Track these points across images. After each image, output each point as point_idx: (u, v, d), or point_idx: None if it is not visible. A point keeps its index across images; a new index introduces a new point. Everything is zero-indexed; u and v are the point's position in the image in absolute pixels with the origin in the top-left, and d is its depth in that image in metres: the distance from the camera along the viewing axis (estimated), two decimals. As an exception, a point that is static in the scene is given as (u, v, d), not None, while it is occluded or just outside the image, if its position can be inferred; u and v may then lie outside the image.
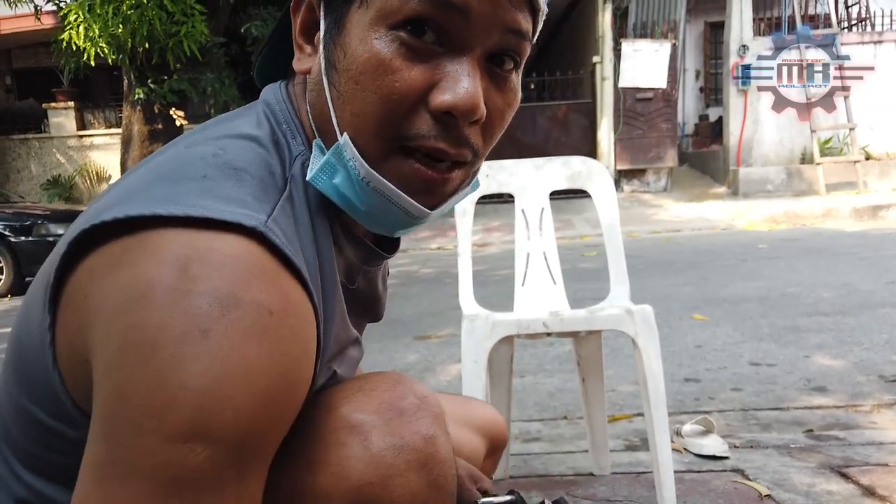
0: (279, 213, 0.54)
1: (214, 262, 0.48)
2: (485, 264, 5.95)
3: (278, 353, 0.49)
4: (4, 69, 12.94)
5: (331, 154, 0.59)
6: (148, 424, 0.45)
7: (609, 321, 1.42)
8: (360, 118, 0.57)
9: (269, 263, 0.50)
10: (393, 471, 0.56)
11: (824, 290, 4.06)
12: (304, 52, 0.62)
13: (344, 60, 0.57)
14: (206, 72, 7.94)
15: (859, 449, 1.87)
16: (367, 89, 0.56)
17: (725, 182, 10.26)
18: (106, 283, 0.49)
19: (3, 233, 6.67)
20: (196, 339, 0.46)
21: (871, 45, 9.93)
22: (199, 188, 0.52)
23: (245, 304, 0.47)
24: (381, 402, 0.60)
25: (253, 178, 0.55)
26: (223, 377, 0.46)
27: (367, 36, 0.55)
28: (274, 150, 0.60)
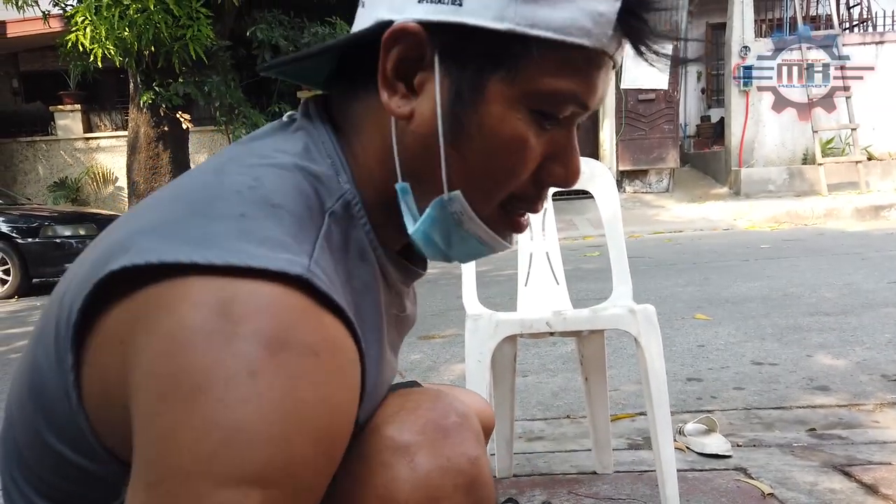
0: (319, 252, 0.52)
1: (257, 306, 0.46)
2: (488, 265, 5.96)
3: (327, 393, 0.47)
4: (12, 72, 12.99)
5: (433, 209, 0.59)
6: (196, 469, 0.43)
7: (612, 321, 1.44)
8: (479, 181, 0.58)
9: (311, 306, 0.48)
10: (440, 493, 0.57)
11: (826, 289, 4.07)
12: (396, 93, 0.57)
13: (480, 129, 0.56)
14: (211, 75, 7.97)
15: (862, 448, 1.88)
16: (500, 163, 0.57)
17: (727, 182, 10.26)
18: (144, 329, 0.47)
19: (10, 234, 6.71)
20: (245, 381, 0.44)
21: (873, 45, 9.93)
22: (236, 229, 0.49)
23: (291, 345, 0.46)
24: (425, 422, 0.60)
25: (291, 216, 0.52)
26: (275, 419, 0.44)
27: (508, 113, 0.56)
28: (311, 184, 0.57)
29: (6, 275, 6.71)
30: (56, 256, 6.60)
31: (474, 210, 0.59)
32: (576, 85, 0.55)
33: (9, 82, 13.04)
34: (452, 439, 0.59)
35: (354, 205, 0.59)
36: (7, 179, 11.86)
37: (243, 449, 0.43)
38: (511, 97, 0.55)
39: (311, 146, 0.60)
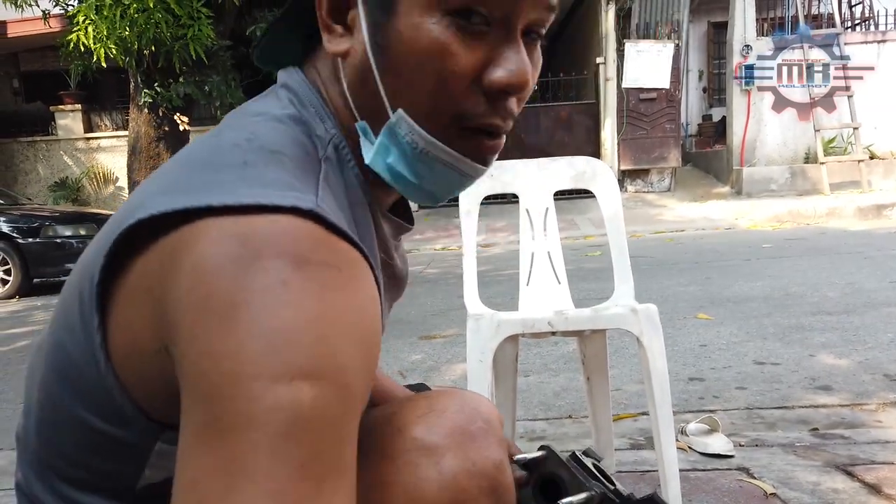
0: (322, 192, 0.54)
1: (276, 234, 0.47)
2: (489, 265, 5.96)
3: (355, 299, 0.49)
4: (12, 72, 13.00)
5: (384, 136, 0.60)
6: (248, 371, 0.44)
7: (614, 320, 1.43)
8: (416, 99, 0.58)
9: (326, 233, 0.50)
10: (466, 495, 0.58)
11: (829, 289, 4.06)
12: (334, 34, 0.60)
13: (399, 45, 0.57)
14: (212, 75, 7.97)
15: (865, 447, 1.88)
16: (426, 73, 0.57)
17: (729, 182, 10.25)
18: (170, 271, 0.48)
19: (10, 234, 6.71)
20: (278, 289, 0.45)
21: (875, 44, 9.91)
22: (242, 175, 0.51)
23: (314, 262, 0.47)
24: (452, 425, 0.61)
25: (291, 161, 0.55)
26: (313, 319, 0.46)
27: (422, 21, 0.56)
28: (303, 132, 0.59)
29: (7, 275, 6.71)
30: (57, 256, 6.60)
31: (427, 131, 0.59)
32: None
33: (9, 82, 13.05)
34: (479, 443, 0.61)
35: (342, 148, 0.62)
36: (7, 179, 11.87)
37: (288, 347, 0.44)
38: (421, 5, 0.56)
39: (294, 100, 0.63)
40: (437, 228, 8.65)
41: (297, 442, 0.43)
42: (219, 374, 0.44)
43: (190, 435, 0.45)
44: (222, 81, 7.99)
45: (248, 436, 0.43)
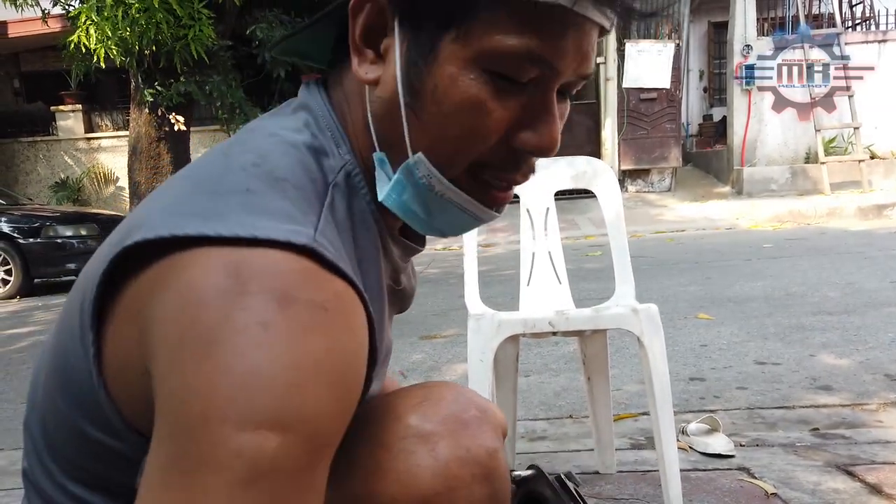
0: (324, 223, 0.53)
1: (266, 268, 0.47)
2: (490, 265, 5.96)
3: (337, 345, 0.48)
4: (13, 72, 13.00)
5: (400, 173, 0.59)
6: (215, 415, 0.44)
7: (614, 320, 1.43)
8: (440, 145, 0.58)
9: (319, 269, 0.49)
10: (459, 482, 0.59)
11: (829, 289, 4.06)
12: (365, 59, 0.59)
13: (434, 91, 0.56)
14: (212, 75, 7.98)
15: (865, 447, 1.88)
16: (457, 125, 0.56)
17: (729, 182, 10.25)
18: (158, 294, 0.49)
19: (11, 235, 6.71)
20: (257, 331, 0.45)
21: (875, 44, 9.91)
22: (243, 203, 0.51)
23: (300, 301, 0.47)
24: (447, 413, 0.62)
25: (295, 189, 0.54)
26: (287, 366, 0.45)
27: (461, 75, 0.55)
28: (314, 157, 0.58)
29: (8, 275, 6.72)
30: (57, 257, 6.61)
31: (443, 175, 0.59)
32: (532, 42, 0.53)
33: (10, 82, 13.05)
34: (472, 431, 0.61)
35: (355, 175, 0.61)
36: (8, 180, 11.88)
37: (258, 394, 0.44)
38: (464, 58, 0.54)
39: (311, 121, 0.62)
40: (438, 228, 8.64)
41: (256, 491, 0.44)
42: (187, 414, 0.45)
43: (155, 465, 0.46)
44: (223, 81, 7.99)
45: (208, 480, 0.43)
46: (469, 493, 0.59)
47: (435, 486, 0.58)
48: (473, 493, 0.59)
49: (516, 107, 0.57)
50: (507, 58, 0.54)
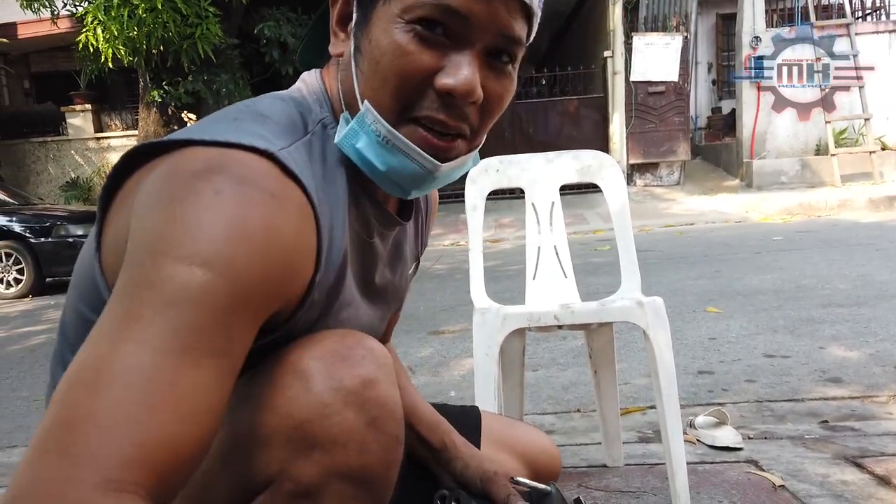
0: (295, 149, 0.65)
1: (233, 161, 0.59)
2: (497, 260, 5.96)
3: (277, 224, 0.58)
4: (23, 73, 13.09)
5: (354, 122, 0.69)
6: (160, 247, 0.55)
7: (620, 313, 1.43)
8: (378, 91, 0.67)
9: (278, 173, 0.60)
10: (330, 409, 0.61)
11: (840, 281, 4.04)
12: (338, 39, 0.73)
13: (369, 46, 0.67)
14: (220, 73, 8.00)
15: (875, 439, 1.87)
16: (386, 68, 0.66)
17: (739, 175, 10.19)
18: (148, 177, 0.61)
19: (23, 234, 6.77)
20: (211, 195, 0.56)
21: (886, 34, 9.82)
22: (227, 125, 0.65)
23: (255, 185, 0.58)
24: (326, 349, 0.65)
25: (276, 124, 0.67)
26: (229, 224, 0.56)
27: (388, 27, 0.66)
28: (298, 110, 0.72)
29: (20, 274, 6.78)
30: (68, 256, 6.65)
31: (387, 121, 0.68)
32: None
33: (20, 83, 13.14)
34: (349, 362, 0.64)
35: (331, 127, 0.73)
36: (20, 180, 11.96)
37: (198, 239, 0.55)
38: (390, 14, 0.66)
39: (302, 88, 0.77)
40: (446, 224, 8.65)
41: (175, 311, 0.53)
42: (141, 246, 0.56)
43: (113, 293, 0.56)
44: (230, 80, 8.01)
45: (143, 294, 0.54)
46: (342, 420, 0.61)
47: (306, 415, 0.61)
48: (347, 420, 0.61)
49: (437, 55, 0.66)
50: (423, 8, 0.64)
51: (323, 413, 0.61)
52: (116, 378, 0.50)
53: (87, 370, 0.51)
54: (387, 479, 0.66)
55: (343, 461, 0.61)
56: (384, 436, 0.64)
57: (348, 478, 0.62)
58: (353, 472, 0.62)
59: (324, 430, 0.61)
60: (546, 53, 16.04)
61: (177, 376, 0.52)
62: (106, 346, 0.52)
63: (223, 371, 0.55)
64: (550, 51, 15.59)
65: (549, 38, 14.92)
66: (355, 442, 0.62)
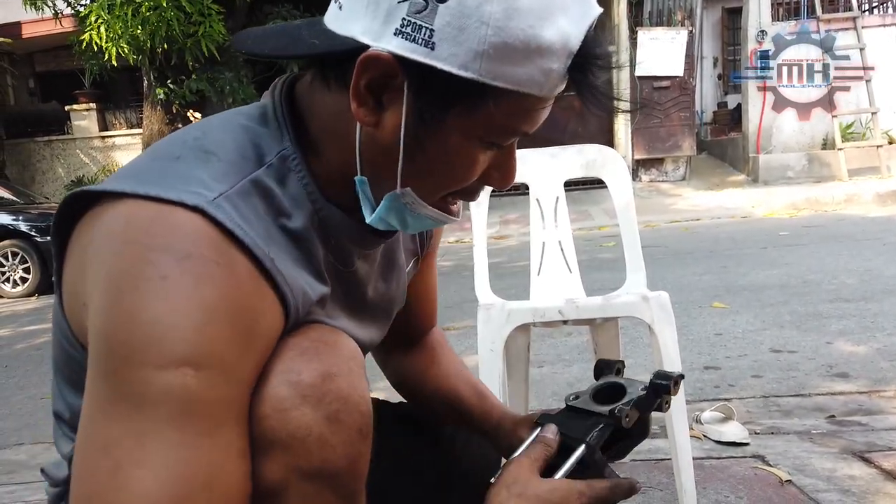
0: (236, 192, 0.62)
1: (168, 229, 0.57)
2: (502, 256, 5.95)
3: (232, 292, 0.57)
4: (27, 73, 13.12)
5: (388, 201, 0.68)
6: (135, 359, 0.54)
7: (625, 308, 1.42)
8: (428, 185, 0.68)
9: (213, 232, 0.58)
10: (287, 404, 0.60)
11: (847, 276, 4.02)
12: (366, 105, 0.64)
13: (437, 151, 0.65)
14: (224, 71, 8.01)
15: (882, 434, 1.86)
16: (449, 174, 0.67)
17: (745, 170, 10.14)
18: (89, 238, 0.60)
19: (29, 233, 6.80)
20: (158, 284, 0.55)
21: (893, 27, 9.75)
22: (166, 168, 0.63)
23: (194, 256, 0.56)
24: (288, 345, 0.64)
25: (220, 162, 0.64)
26: (188, 311, 0.55)
27: (466, 143, 0.65)
28: (252, 140, 0.68)
29: (27, 273, 6.81)
30: (75, 254, 6.67)
31: (426, 201, 0.69)
32: (522, 122, 0.65)
33: (25, 83, 13.17)
34: (307, 356, 0.63)
35: (292, 160, 0.68)
36: (25, 179, 12.00)
37: (167, 337, 0.54)
38: (466, 128, 0.64)
39: (267, 111, 0.71)
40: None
41: (193, 419, 0.54)
42: (115, 357, 0.55)
43: (94, 399, 0.56)
44: (234, 78, 8.02)
45: (150, 413, 0.53)
46: (300, 415, 0.60)
47: (264, 410, 0.60)
48: (305, 415, 0.60)
49: (493, 155, 0.68)
50: (502, 135, 0.66)
51: (280, 408, 0.60)
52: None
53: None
54: (352, 473, 0.64)
55: (304, 457, 0.60)
56: (346, 429, 0.62)
57: (310, 474, 0.61)
58: (314, 468, 0.61)
59: (281, 426, 0.60)
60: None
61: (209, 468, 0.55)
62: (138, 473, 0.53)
63: (235, 436, 0.58)
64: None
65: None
66: (314, 437, 0.60)
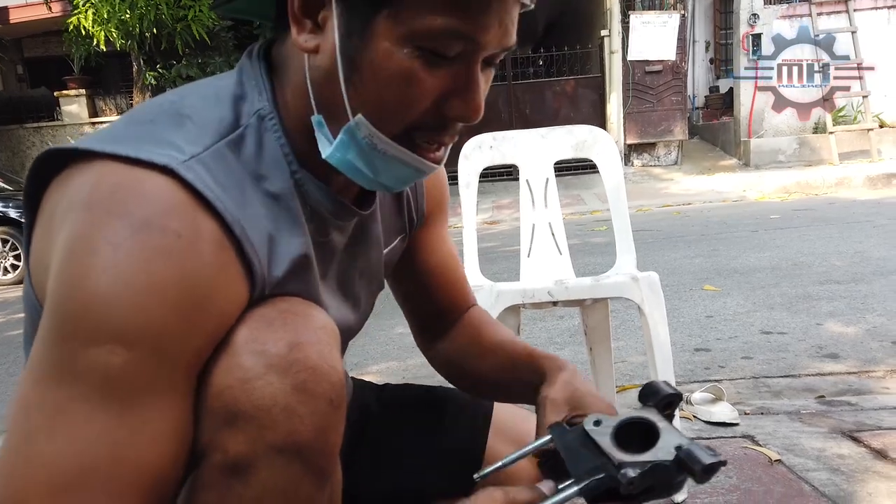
0: (210, 155, 0.60)
1: (134, 193, 0.55)
2: (495, 241, 5.95)
3: (188, 269, 0.55)
4: (16, 58, 12.97)
5: (343, 134, 0.64)
6: (67, 329, 0.53)
7: (614, 289, 1.42)
8: (378, 111, 0.62)
9: (182, 196, 0.56)
10: (251, 374, 0.58)
11: (837, 258, 4.03)
12: (304, 29, 0.63)
13: (368, 64, 0.61)
14: (214, 56, 7.95)
15: (871, 413, 1.87)
16: (392, 93, 0.61)
17: (737, 154, 10.15)
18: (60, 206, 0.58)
19: (19, 220, 6.74)
20: (108, 252, 0.53)
21: (885, 10, 9.73)
22: (140, 131, 0.61)
23: (155, 226, 0.54)
24: (256, 315, 0.62)
25: (194, 125, 0.62)
26: (131, 285, 0.52)
27: (394, 49, 0.59)
28: (231, 102, 0.66)
29: (17, 260, 6.77)
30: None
31: (383, 132, 0.63)
32: (458, 21, 0.58)
33: (13, 68, 13.03)
34: (275, 326, 0.61)
35: (269, 119, 0.66)
36: (14, 165, 11.89)
37: (102, 312, 0.52)
38: (397, 35, 0.59)
39: (244, 73, 0.69)
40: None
41: (111, 399, 0.53)
42: (51, 325, 0.54)
43: (30, 363, 0.55)
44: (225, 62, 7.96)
45: (71, 389, 0.52)
46: (264, 384, 0.58)
47: (228, 381, 0.58)
48: (270, 384, 0.58)
49: (445, 77, 0.62)
50: (435, 36, 0.59)
51: (244, 378, 0.58)
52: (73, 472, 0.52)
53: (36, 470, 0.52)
54: (323, 445, 0.61)
55: (270, 428, 0.58)
56: (314, 399, 0.59)
57: (278, 447, 0.59)
58: (281, 439, 0.58)
59: (246, 396, 0.58)
60: (543, 33, 15.92)
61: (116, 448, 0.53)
62: (46, 444, 0.52)
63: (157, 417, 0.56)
64: (547, 31, 15.47)
65: (546, 18, 14.80)
66: (280, 407, 0.58)
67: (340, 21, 0.60)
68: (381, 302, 0.95)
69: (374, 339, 3.13)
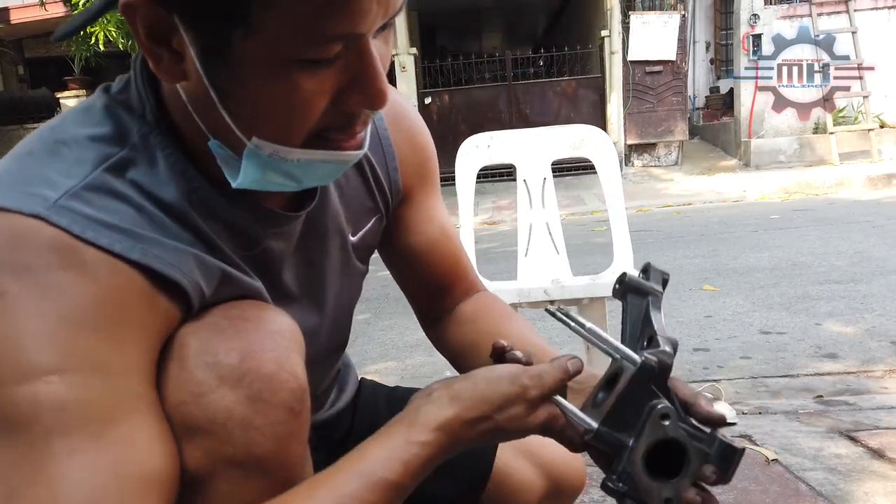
0: (88, 184, 0.56)
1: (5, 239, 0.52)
2: (494, 241, 5.95)
3: (87, 292, 0.53)
4: (17, 59, 12.99)
5: (246, 160, 0.58)
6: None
7: (610, 288, 1.42)
8: (271, 129, 0.57)
9: (57, 234, 0.53)
10: (204, 388, 0.56)
11: (836, 258, 4.03)
12: (161, 59, 0.55)
13: (243, 89, 0.54)
14: (213, 56, 7.95)
15: (869, 413, 1.87)
16: (279, 112, 0.55)
17: (737, 154, 10.15)
18: None
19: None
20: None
21: (885, 10, 9.73)
22: (16, 167, 0.57)
23: (35, 267, 0.52)
24: (205, 322, 0.60)
25: (71, 152, 0.58)
26: (35, 322, 0.51)
27: (265, 70, 0.52)
28: (116, 120, 0.61)
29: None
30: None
31: (289, 146, 0.58)
32: (329, 23, 0.50)
33: (14, 69, 13.05)
34: (226, 335, 0.58)
35: (156, 136, 0.61)
36: (15, 166, 11.92)
37: (16, 354, 0.50)
38: (261, 54, 0.51)
39: (130, 87, 0.63)
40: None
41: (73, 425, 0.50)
42: None
43: None
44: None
45: (27, 432, 0.49)
46: (218, 398, 0.56)
47: (182, 396, 0.56)
48: (224, 397, 0.56)
49: (333, 76, 0.55)
50: (306, 48, 0.51)
51: (197, 392, 0.56)
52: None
53: None
54: (284, 456, 0.59)
55: (227, 442, 0.56)
56: (271, 409, 0.57)
57: (236, 460, 0.57)
58: (239, 453, 0.57)
59: (201, 411, 0.56)
60: (543, 34, 15.92)
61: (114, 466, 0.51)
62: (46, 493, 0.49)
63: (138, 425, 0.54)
64: (547, 31, 15.47)
65: (547, 18, 14.81)
66: (235, 420, 0.56)
67: (195, 48, 0.53)
68: (381, 302, 0.94)
69: (373, 339, 3.13)
